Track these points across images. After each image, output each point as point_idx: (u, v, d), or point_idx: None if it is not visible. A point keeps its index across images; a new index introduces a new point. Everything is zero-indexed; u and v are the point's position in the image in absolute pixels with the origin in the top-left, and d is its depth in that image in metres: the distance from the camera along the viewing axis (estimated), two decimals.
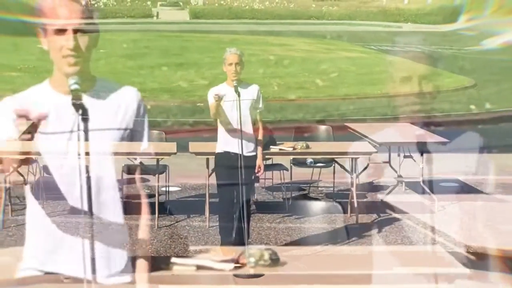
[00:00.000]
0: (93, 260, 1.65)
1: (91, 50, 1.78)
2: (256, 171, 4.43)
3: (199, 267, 2.58)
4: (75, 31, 1.73)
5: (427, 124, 2.11)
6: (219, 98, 4.19)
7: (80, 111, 1.62)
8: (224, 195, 4.38)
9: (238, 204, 4.18)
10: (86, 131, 1.62)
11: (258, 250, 2.66)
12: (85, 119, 1.62)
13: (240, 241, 4.14)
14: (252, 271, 2.59)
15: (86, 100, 1.69)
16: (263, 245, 4.61)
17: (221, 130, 4.40)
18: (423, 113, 1.99)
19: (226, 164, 4.34)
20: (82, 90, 1.69)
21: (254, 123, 4.40)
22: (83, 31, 1.75)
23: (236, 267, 2.59)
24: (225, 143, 4.37)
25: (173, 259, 2.62)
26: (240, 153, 4.21)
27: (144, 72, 13.95)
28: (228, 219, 4.33)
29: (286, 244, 4.90)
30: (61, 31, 1.74)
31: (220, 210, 4.61)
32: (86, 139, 1.62)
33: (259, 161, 4.42)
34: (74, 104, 1.63)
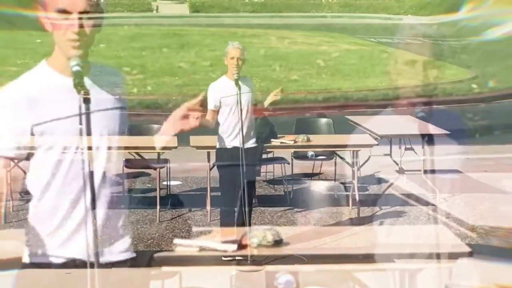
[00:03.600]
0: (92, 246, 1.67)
1: (95, 35, 1.80)
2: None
3: (202, 249, 2.57)
4: (81, 15, 1.75)
5: (429, 108, 2.12)
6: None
7: (82, 93, 1.63)
8: (226, 191, 4.38)
9: (240, 198, 4.18)
10: (88, 113, 1.63)
11: (261, 231, 2.64)
12: (87, 100, 1.63)
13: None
14: (255, 252, 2.57)
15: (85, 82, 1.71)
16: (267, 226, 4.59)
17: (221, 124, 4.39)
18: (424, 103, 1.99)
19: (228, 158, 4.34)
20: (83, 73, 1.71)
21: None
22: (89, 16, 1.76)
23: (239, 248, 2.58)
24: (227, 137, 4.37)
25: (176, 240, 2.61)
26: (241, 146, 4.20)
27: (145, 53, 13.89)
28: (230, 212, 4.33)
29: (287, 237, 4.90)
30: (67, 14, 1.75)
31: (222, 205, 4.62)
32: (88, 122, 1.63)
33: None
34: (76, 86, 1.64)
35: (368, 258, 2.51)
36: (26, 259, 1.88)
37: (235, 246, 2.57)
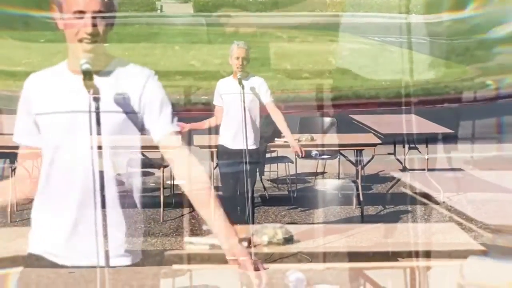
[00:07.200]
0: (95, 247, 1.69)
1: (107, 34, 1.81)
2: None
3: (212, 246, 2.57)
4: (94, 16, 1.76)
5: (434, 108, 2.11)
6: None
7: (91, 91, 1.64)
8: (226, 189, 4.38)
9: (240, 196, 4.17)
10: (97, 111, 1.63)
11: (272, 228, 2.64)
12: (96, 98, 1.63)
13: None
14: (266, 250, 2.57)
15: (97, 79, 1.71)
16: (277, 223, 4.59)
17: (224, 123, 4.38)
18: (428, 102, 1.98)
19: (229, 158, 4.34)
20: (94, 70, 1.71)
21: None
22: (101, 17, 1.77)
23: (250, 246, 2.58)
24: (228, 136, 4.36)
25: (187, 238, 2.62)
26: (244, 148, 4.18)
27: (157, 52, 13.88)
28: (231, 211, 4.33)
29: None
30: (79, 15, 1.76)
31: (222, 203, 4.62)
32: (98, 120, 1.63)
33: (293, 144, 4.46)
34: (85, 84, 1.65)
35: (377, 256, 2.50)
36: (29, 258, 1.88)
37: (245, 244, 2.57)
